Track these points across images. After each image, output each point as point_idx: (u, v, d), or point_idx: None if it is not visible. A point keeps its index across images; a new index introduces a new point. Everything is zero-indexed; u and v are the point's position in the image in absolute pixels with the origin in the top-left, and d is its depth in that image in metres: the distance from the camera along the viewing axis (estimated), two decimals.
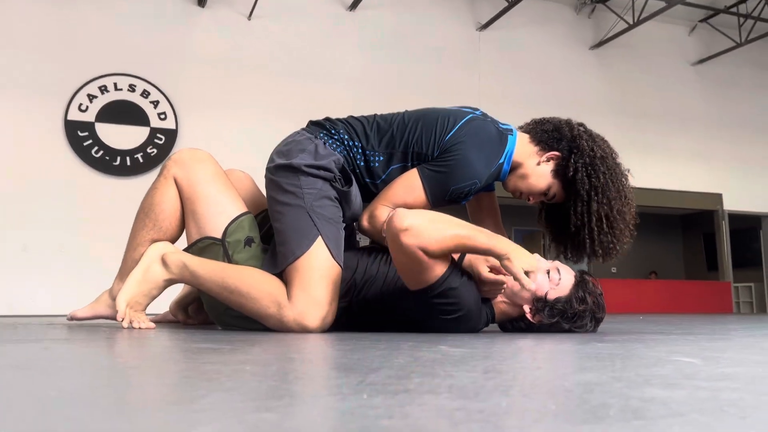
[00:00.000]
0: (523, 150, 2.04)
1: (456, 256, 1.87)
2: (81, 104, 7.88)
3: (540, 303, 1.82)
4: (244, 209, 2.02)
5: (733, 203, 11.26)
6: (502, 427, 0.45)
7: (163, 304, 2.48)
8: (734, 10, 10.29)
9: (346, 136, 2.00)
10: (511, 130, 2.07)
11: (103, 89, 7.99)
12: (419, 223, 1.66)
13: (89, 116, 7.91)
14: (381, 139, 1.99)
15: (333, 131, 2.01)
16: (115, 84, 8.03)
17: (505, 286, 1.84)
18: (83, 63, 7.94)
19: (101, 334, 1.64)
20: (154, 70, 8.22)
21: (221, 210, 1.98)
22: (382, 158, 1.99)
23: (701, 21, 11.17)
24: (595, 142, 2.02)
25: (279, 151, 2.01)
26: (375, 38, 9.35)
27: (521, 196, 2.11)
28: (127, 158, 7.96)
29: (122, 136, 7.95)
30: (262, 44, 8.75)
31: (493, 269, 1.83)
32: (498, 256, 1.68)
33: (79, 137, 7.85)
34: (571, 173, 1.98)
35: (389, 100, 9.04)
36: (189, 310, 2.44)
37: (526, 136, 2.08)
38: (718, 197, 11.19)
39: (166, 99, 8.23)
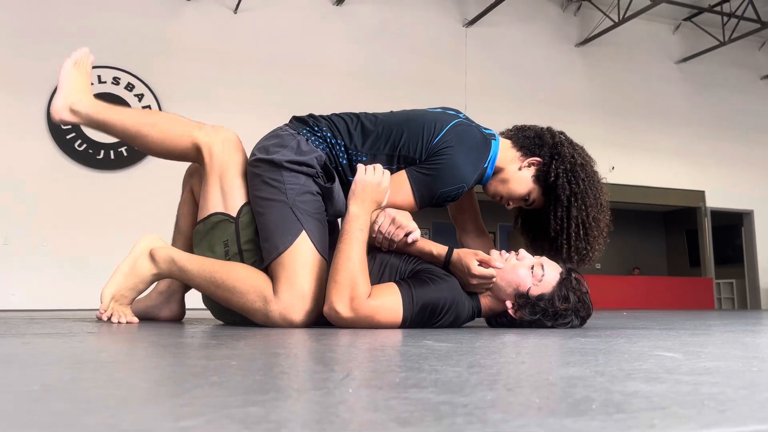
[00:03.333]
0: (505, 155, 2.06)
1: (440, 252, 1.88)
2: None
3: (522, 299, 1.82)
4: None
5: (715, 200, 11.39)
6: (486, 421, 0.45)
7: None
8: (718, 9, 10.38)
9: (329, 134, 1.99)
10: (494, 135, 2.09)
11: None
12: (342, 293, 1.73)
13: None
14: (365, 140, 1.99)
15: (316, 128, 2.00)
16: (99, 77, 7.95)
17: (493, 280, 1.85)
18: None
19: (84, 328, 1.63)
20: (138, 63, 8.14)
21: (243, 188, 1.98)
22: (365, 158, 1.98)
23: (685, 19, 11.26)
24: (575, 150, 2.05)
25: (261, 147, 1.99)
26: (361, 33, 9.33)
27: (501, 201, 2.13)
28: (111, 152, 7.89)
29: None
30: (248, 38, 8.71)
31: (482, 263, 1.83)
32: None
33: (62, 130, 7.76)
34: (552, 178, 2.01)
35: (376, 95, 9.05)
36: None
37: (508, 141, 2.10)
38: (700, 194, 11.31)
39: (151, 92, 8.17)
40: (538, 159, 2.04)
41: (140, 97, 8.12)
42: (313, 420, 0.45)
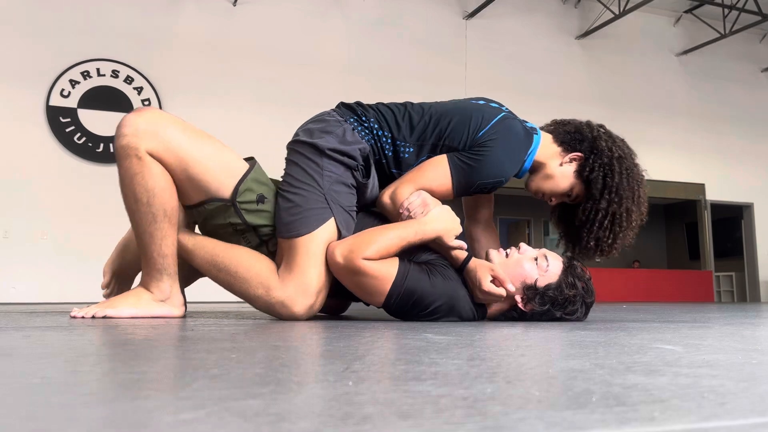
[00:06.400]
0: (546, 150, 2.05)
1: (458, 256, 1.87)
2: (63, 90, 7.78)
3: (530, 291, 1.82)
4: (239, 159, 1.88)
5: (715, 193, 11.40)
6: (486, 414, 0.45)
7: None
8: (719, 1, 10.34)
9: (376, 125, 1.96)
10: (536, 130, 2.07)
11: (86, 75, 7.89)
12: (350, 242, 1.77)
13: (71, 102, 7.81)
14: (413, 131, 1.97)
15: (363, 118, 1.97)
16: (98, 69, 7.93)
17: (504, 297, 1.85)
18: (65, 48, 7.83)
19: (84, 321, 1.63)
20: (137, 56, 8.12)
21: (221, 167, 1.83)
22: (412, 149, 1.97)
23: (686, 12, 11.23)
24: (614, 143, 2.03)
25: (306, 129, 1.95)
26: (362, 25, 9.31)
27: (543, 197, 2.11)
28: (110, 145, 7.87)
29: (105, 123, 7.87)
30: (247, 30, 8.68)
31: (495, 280, 1.83)
32: (434, 240, 1.84)
33: (61, 123, 7.75)
34: (587, 173, 2.00)
35: (375, 88, 9.03)
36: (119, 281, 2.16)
37: (549, 136, 2.08)
38: (700, 187, 11.30)
39: (150, 85, 8.15)
40: (579, 154, 2.03)
41: (139, 90, 8.10)
42: (313, 413, 0.45)
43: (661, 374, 0.67)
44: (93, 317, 1.76)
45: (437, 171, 1.93)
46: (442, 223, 1.83)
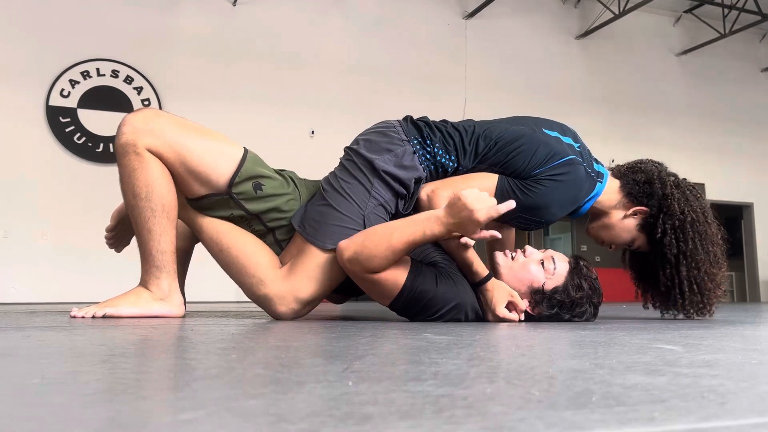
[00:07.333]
0: (610, 198, 2.01)
1: (478, 272, 1.81)
2: (63, 90, 7.78)
3: (538, 295, 1.81)
4: (234, 147, 1.88)
5: (715, 193, 11.40)
6: (486, 414, 0.45)
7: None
8: (719, 0, 10.34)
9: (440, 151, 1.89)
10: (603, 176, 2.02)
11: (86, 75, 7.89)
12: (357, 251, 1.69)
13: (71, 102, 7.81)
14: (476, 158, 1.92)
15: (428, 141, 1.89)
16: (98, 69, 7.93)
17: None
18: (65, 48, 7.83)
19: (83, 321, 1.63)
20: (137, 56, 8.12)
21: (216, 157, 1.83)
22: (461, 170, 1.93)
23: (686, 11, 11.23)
24: (687, 203, 1.99)
25: (368, 139, 1.90)
26: (361, 25, 9.31)
27: (603, 244, 2.10)
28: (110, 145, 7.87)
29: (105, 123, 7.88)
30: (247, 30, 8.68)
31: (510, 305, 1.82)
32: (447, 237, 1.73)
33: (61, 123, 7.75)
34: (659, 235, 1.96)
35: (375, 88, 9.03)
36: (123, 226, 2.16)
37: (617, 183, 2.03)
38: (700, 187, 11.26)
39: (150, 85, 8.15)
40: (645, 209, 1.99)
41: (139, 90, 8.10)
42: (313, 413, 0.45)
43: (661, 374, 0.67)
44: (93, 317, 1.76)
45: (482, 184, 1.85)
46: (450, 219, 1.68)
